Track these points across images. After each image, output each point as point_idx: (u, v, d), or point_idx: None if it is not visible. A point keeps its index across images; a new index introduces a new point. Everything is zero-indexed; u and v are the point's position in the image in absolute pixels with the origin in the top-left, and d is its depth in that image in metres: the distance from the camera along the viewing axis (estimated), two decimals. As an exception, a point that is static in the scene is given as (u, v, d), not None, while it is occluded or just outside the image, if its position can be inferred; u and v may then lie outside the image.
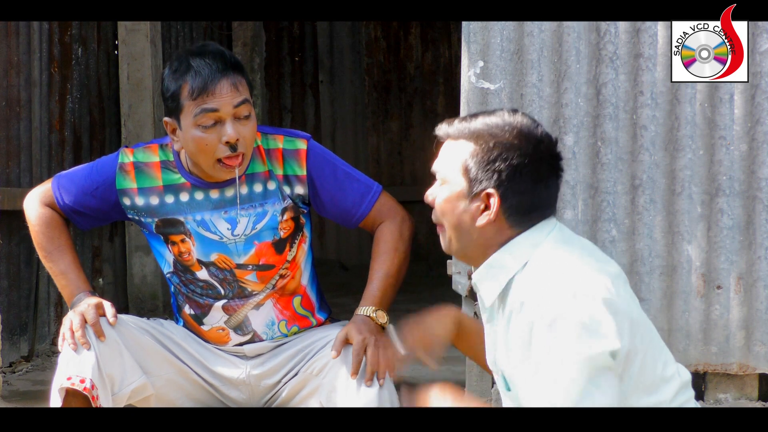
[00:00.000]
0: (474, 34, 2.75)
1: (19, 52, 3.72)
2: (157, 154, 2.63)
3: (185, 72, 2.48)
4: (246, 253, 2.61)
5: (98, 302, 2.54)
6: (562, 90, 2.73)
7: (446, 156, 2.00)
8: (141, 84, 4.58)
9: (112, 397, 2.48)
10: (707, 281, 2.71)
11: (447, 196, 1.99)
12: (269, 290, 2.64)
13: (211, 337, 2.69)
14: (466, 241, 1.99)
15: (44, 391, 3.28)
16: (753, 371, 2.72)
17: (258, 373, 2.68)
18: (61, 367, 2.45)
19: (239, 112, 2.48)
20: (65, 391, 2.40)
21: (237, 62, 2.53)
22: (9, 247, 3.61)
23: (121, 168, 2.63)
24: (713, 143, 2.69)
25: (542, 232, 1.97)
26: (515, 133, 1.94)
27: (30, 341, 3.85)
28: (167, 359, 2.63)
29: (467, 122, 1.98)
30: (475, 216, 1.95)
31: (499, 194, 1.93)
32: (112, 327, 2.52)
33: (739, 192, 2.68)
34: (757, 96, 2.66)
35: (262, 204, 2.60)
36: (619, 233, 2.72)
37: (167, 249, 2.65)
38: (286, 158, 2.59)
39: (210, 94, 2.46)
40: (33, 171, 3.84)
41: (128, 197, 2.63)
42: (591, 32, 2.71)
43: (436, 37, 6.68)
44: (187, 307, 2.69)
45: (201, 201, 2.60)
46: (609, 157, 2.72)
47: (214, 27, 5.88)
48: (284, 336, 2.68)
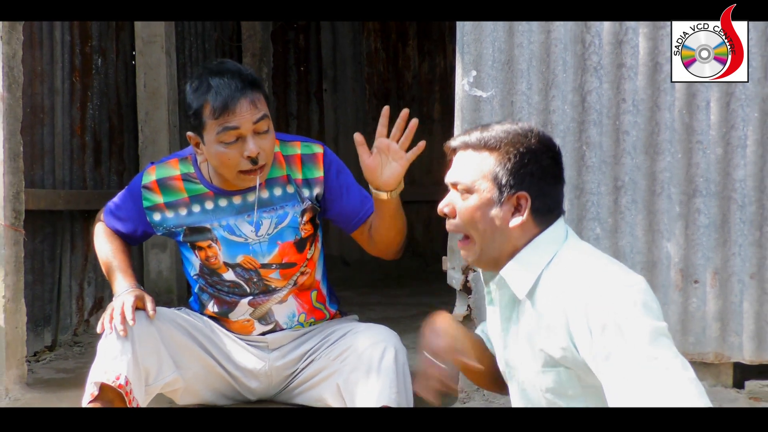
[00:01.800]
0: (467, 45, 2.74)
1: (42, 62, 3.71)
2: (178, 167, 2.65)
3: (206, 91, 2.48)
4: (270, 253, 2.62)
5: (140, 294, 2.55)
6: (550, 97, 2.73)
7: (467, 166, 1.96)
8: (157, 92, 4.57)
9: (145, 387, 2.50)
10: (685, 276, 2.70)
11: (476, 204, 1.94)
12: (291, 286, 2.67)
13: (236, 328, 2.71)
14: (498, 246, 1.95)
15: (66, 379, 3.28)
16: (728, 360, 2.71)
17: (279, 364, 2.70)
18: (100, 358, 2.45)
19: (259, 127, 2.49)
20: (101, 385, 2.40)
21: (254, 79, 2.52)
22: (33, 245, 3.60)
23: (145, 188, 2.65)
24: (691, 147, 2.68)
25: (561, 230, 1.97)
26: (538, 139, 1.94)
27: (53, 332, 3.84)
28: (196, 354, 2.65)
29: (485, 132, 1.95)
30: (507, 219, 1.93)
31: (530, 195, 1.92)
32: (152, 322, 2.52)
33: (714, 193, 2.67)
34: (731, 103, 2.65)
35: (282, 206, 2.61)
36: (603, 231, 2.72)
37: (194, 255, 2.67)
38: (304, 162, 2.61)
39: (231, 113, 2.46)
40: (56, 173, 3.83)
41: (157, 212, 2.65)
42: (576, 44, 2.70)
43: (432, 48, 6.66)
44: (212, 304, 2.70)
45: (225, 207, 2.61)
46: (593, 160, 2.72)
47: (225, 39, 5.87)
48: (302, 326, 2.70)
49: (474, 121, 2.73)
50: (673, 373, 1.76)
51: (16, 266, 3.08)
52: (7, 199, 3.03)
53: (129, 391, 2.42)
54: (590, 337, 1.81)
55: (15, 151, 3.07)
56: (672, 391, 1.74)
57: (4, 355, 3.00)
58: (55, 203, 3.75)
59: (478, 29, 2.73)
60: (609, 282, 1.85)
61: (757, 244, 2.66)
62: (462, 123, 2.75)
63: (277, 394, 2.78)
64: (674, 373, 1.76)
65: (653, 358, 1.78)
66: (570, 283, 1.88)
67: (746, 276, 2.67)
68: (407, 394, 2.51)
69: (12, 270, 3.05)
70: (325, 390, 2.64)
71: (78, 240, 4.06)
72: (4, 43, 3.00)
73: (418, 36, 6.67)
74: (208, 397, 2.76)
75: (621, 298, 1.81)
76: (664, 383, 1.75)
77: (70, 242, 3.99)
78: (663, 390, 1.75)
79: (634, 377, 1.78)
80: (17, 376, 3.06)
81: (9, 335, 3.02)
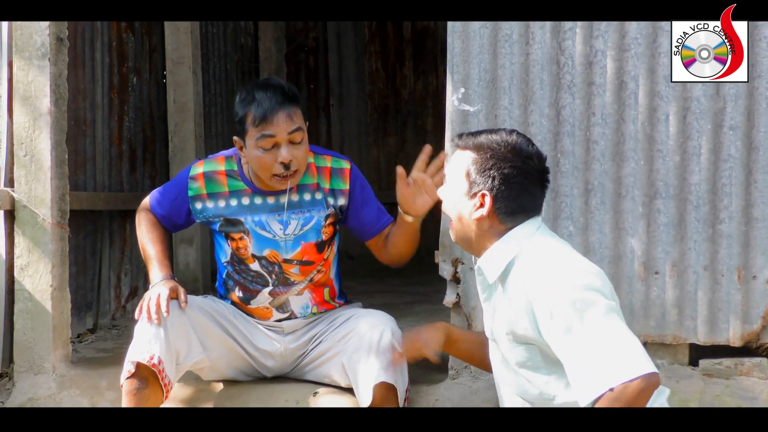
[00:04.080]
0: (457, 66, 2.74)
1: (85, 80, 3.71)
2: (223, 164, 2.65)
3: (250, 102, 2.49)
4: (293, 251, 2.63)
5: (174, 286, 2.55)
6: (529, 112, 2.72)
7: (454, 162, 2.05)
8: (185, 107, 4.57)
9: (176, 366, 2.50)
10: (647, 268, 2.70)
11: (451, 192, 2.05)
12: (307, 282, 2.67)
13: (256, 313, 2.72)
14: (466, 231, 2.03)
15: (106, 358, 3.28)
16: (684, 341, 2.71)
17: (293, 347, 2.71)
18: (137, 340, 2.46)
19: (293, 138, 2.49)
20: (137, 363, 2.41)
21: (294, 95, 2.52)
22: (77, 240, 3.60)
23: (192, 178, 2.65)
24: (652, 155, 2.68)
25: (532, 226, 2.01)
26: (509, 149, 1.99)
27: (94, 317, 3.84)
28: (220, 337, 2.65)
29: (473, 137, 2.03)
30: (471, 212, 1.99)
31: (492, 196, 1.97)
32: (183, 311, 2.52)
33: (673, 195, 2.67)
34: (687, 117, 2.65)
35: (310, 210, 2.62)
36: (575, 229, 2.72)
37: (227, 243, 2.67)
38: (333, 175, 2.63)
39: (269, 123, 2.46)
40: (96, 178, 3.83)
41: (200, 201, 2.65)
42: (552, 64, 2.70)
43: (425, 68, 6.66)
44: (237, 290, 2.71)
45: (259, 205, 2.61)
46: (567, 167, 2.72)
47: (245, 60, 5.86)
48: (313, 315, 2.71)
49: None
50: (622, 344, 1.79)
51: (62, 259, 3.08)
52: (54, 200, 3.03)
53: (161, 369, 2.42)
54: (550, 318, 1.84)
55: (61, 158, 3.07)
56: (620, 358, 1.77)
57: (51, 337, 3.00)
58: (95, 204, 3.75)
59: (466, 52, 2.73)
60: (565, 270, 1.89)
61: (710, 240, 2.66)
62: (452, 134, 2.75)
63: (290, 371, 2.79)
64: (623, 343, 1.79)
65: (606, 332, 1.80)
66: (532, 272, 1.92)
67: (700, 268, 2.67)
68: (402, 371, 2.52)
69: (58, 263, 3.05)
70: (332, 368, 2.65)
71: (116, 236, 4.06)
72: (51, 64, 3.00)
73: (414, 58, 6.67)
74: (230, 373, 2.76)
75: (576, 282, 1.85)
76: (615, 352, 1.78)
77: (108, 238, 3.99)
78: (613, 358, 1.77)
79: (590, 348, 1.79)
80: (63, 355, 3.07)
81: (56, 319, 3.03)
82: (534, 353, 1.96)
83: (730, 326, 2.66)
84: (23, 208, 3.00)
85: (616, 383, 1.73)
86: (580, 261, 1.95)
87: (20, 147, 3.01)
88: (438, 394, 2.71)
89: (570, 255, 1.96)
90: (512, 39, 2.69)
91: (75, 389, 2.94)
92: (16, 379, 3.00)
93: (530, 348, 1.96)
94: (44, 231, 2.99)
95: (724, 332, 2.66)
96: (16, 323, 3.02)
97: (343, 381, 2.61)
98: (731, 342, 2.66)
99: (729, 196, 2.63)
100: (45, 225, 2.99)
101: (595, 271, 1.91)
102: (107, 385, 2.89)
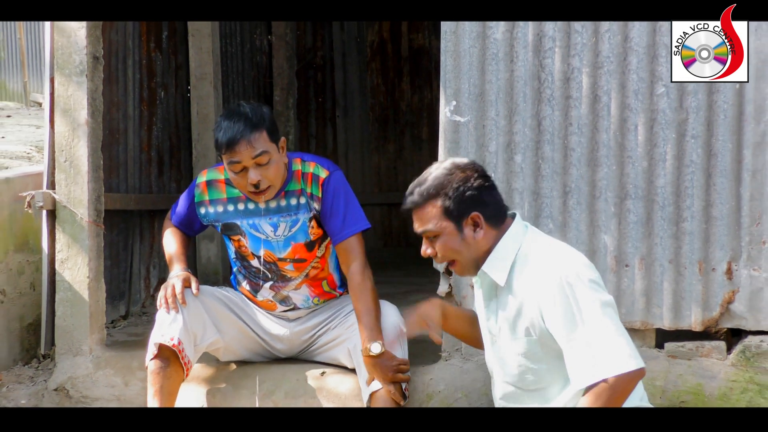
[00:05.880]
0: (449, 81, 2.75)
1: (118, 94, 3.72)
2: (223, 173, 2.65)
3: (218, 130, 2.46)
4: (285, 250, 2.63)
5: (186, 276, 2.56)
6: (513, 122, 2.73)
7: (425, 218, 1.97)
8: (207, 118, 4.58)
9: (194, 347, 2.51)
10: (618, 261, 2.72)
11: (446, 241, 1.97)
12: (303, 277, 2.67)
13: (263, 305, 2.72)
14: (474, 256, 1.98)
15: (137, 341, 3.30)
16: (651, 327, 2.72)
17: (298, 330, 2.72)
18: (158, 325, 2.48)
19: (259, 160, 2.44)
20: (159, 345, 2.42)
21: (258, 121, 2.42)
22: (111, 237, 3.62)
23: (197, 187, 2.66)
24: (623, 161, 2.69)
25: (520, 227, 2.01)
26: (459, 170, 1.97)
27: (126, 305, 3.86)
28: (232, 321, 2.66)
29: (421, 193, 1.95)
30: (472, 236, 1.96)
31: (479, 211, 1.95)
32: (196, 297, 2.54)
33: (641, 196, 2.68)
34: (654, 127, 2.66)
35: (296, 213, 2.60)
36: (554, 227, 2.73)
37: (230, 243, 2.68)
38: (313, 181, 2.59)
39: (234, 152, 2.43)
40: (128, 181, 3.84)
41: (203, 207, 2.66)
42: (534, 80, 2.71)
43: (421, 83, 6.66)
44: (245, 283, 2.72)
45: (253, 210, 2.61)
46: (547, 171, 2.73)
47: (260, 76, 5.87)
48: (316, 305, 2.71)
49: (455, 141, 2.74)
50: (617, 338, 1.81)
51: (98, 253, 3.09)
52: (91, 201, 3.04)
53: (182, 350, 2.43)
54: (554, 306, 1.85)
55: (96, 164, 3.09)
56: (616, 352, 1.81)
57: (88, 323, 3.02)
58: (127, 204, 3.76)
59: (457, 68, 2.74)
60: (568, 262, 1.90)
61: (674, 237, 2.67)
62: (445, 142, 2.76)
63: (300, 353, 2.80)
64: (619, 338, 1.81)
65: (604, 325, 1.82)
66: (535, 269, 1.91)
67: (666, 261, 2.68)
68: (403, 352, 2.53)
69: (94, 256, 3.06)
70: (339, 352, 2.66)
71: (146, 233, 4.08)
72: (88, 80, 3.01)
73: (411, 74, 6.67)
74: (245, 354, 2.77)
75: (581, 275, 1.86)
76: (612, 346, 1.81)
77: (139, 235, 4.00)
78: (611, 351, 1.80)
79: (591, 339, 1.82)
80: (98, 339, 3.08)
81: (92, 307, 3.04)
82: (534, 344, 1.95)
83: (692, 313, 2.67)
84: (63, 208, 3.02)
85: (611, 374, 1.77)
86: (577, 254, 1.96)
87: (61, 154, 3.03)
88: (432, 374, 2.73)
89: (568, 249, 1.98)
90: (498, 57, 2.70)
91: (109, 369, 2.96)
92: (57, 360, 3.03)
93: (532, 341, 1.95)
94: (82, 228, 3.01)
95: (687, 318, 2.67)
96: (57, 310, 3.04)
97: (349, 363, 2.64)
98: (693, 327, 2.68)
99: (691, 198, 2.65)
100: (82, 223, 3.01)
101: (590, 264, 1.94)
102: (138, 366, 2.91)
